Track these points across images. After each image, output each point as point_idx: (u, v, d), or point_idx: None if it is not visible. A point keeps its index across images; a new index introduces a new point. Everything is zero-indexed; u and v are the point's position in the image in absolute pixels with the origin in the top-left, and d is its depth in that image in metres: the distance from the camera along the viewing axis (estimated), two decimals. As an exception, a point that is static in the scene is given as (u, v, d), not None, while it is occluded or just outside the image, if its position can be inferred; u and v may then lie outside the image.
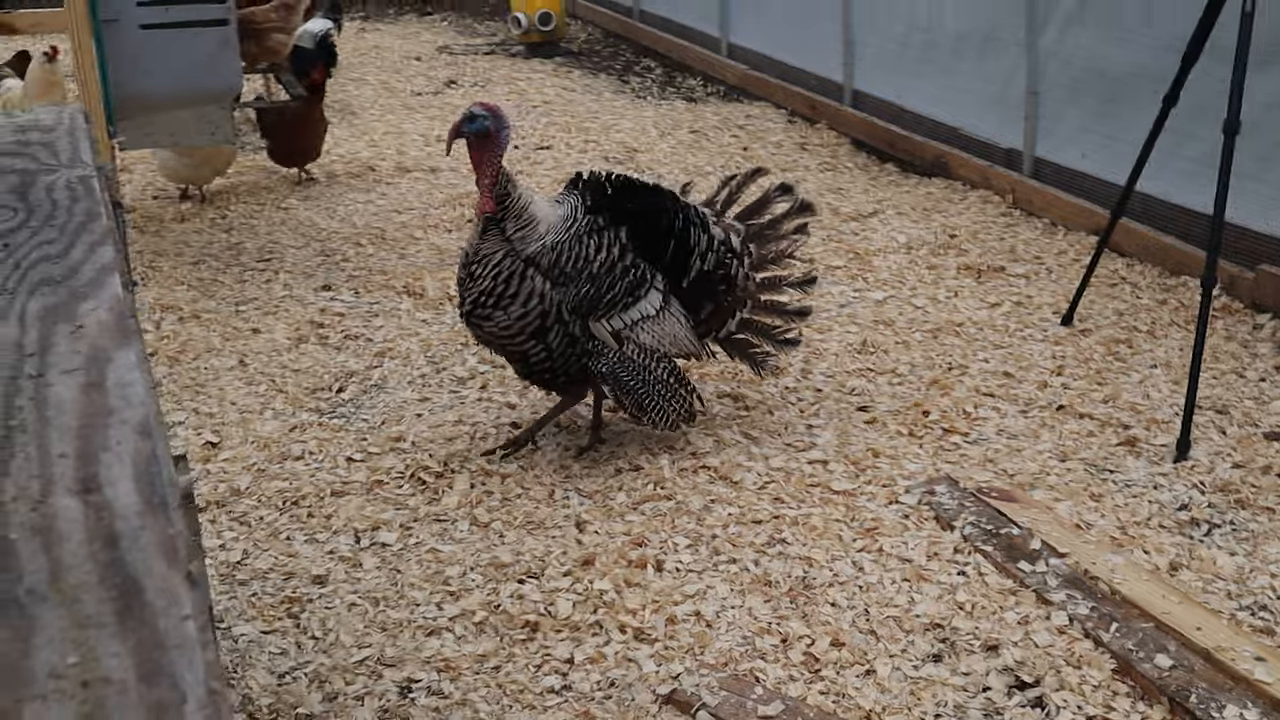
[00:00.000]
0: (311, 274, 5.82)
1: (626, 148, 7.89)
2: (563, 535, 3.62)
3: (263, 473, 4.03)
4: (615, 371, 3.90)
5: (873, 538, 3.57)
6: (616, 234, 3.89)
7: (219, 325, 5.22)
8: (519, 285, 3.80)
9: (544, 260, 3.80)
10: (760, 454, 4.07)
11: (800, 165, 7.47)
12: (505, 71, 10.37)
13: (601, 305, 3.86)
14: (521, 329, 3.83)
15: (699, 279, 4.03)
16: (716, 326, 4.13)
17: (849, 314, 5.23)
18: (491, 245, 3.83)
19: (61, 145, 2.44)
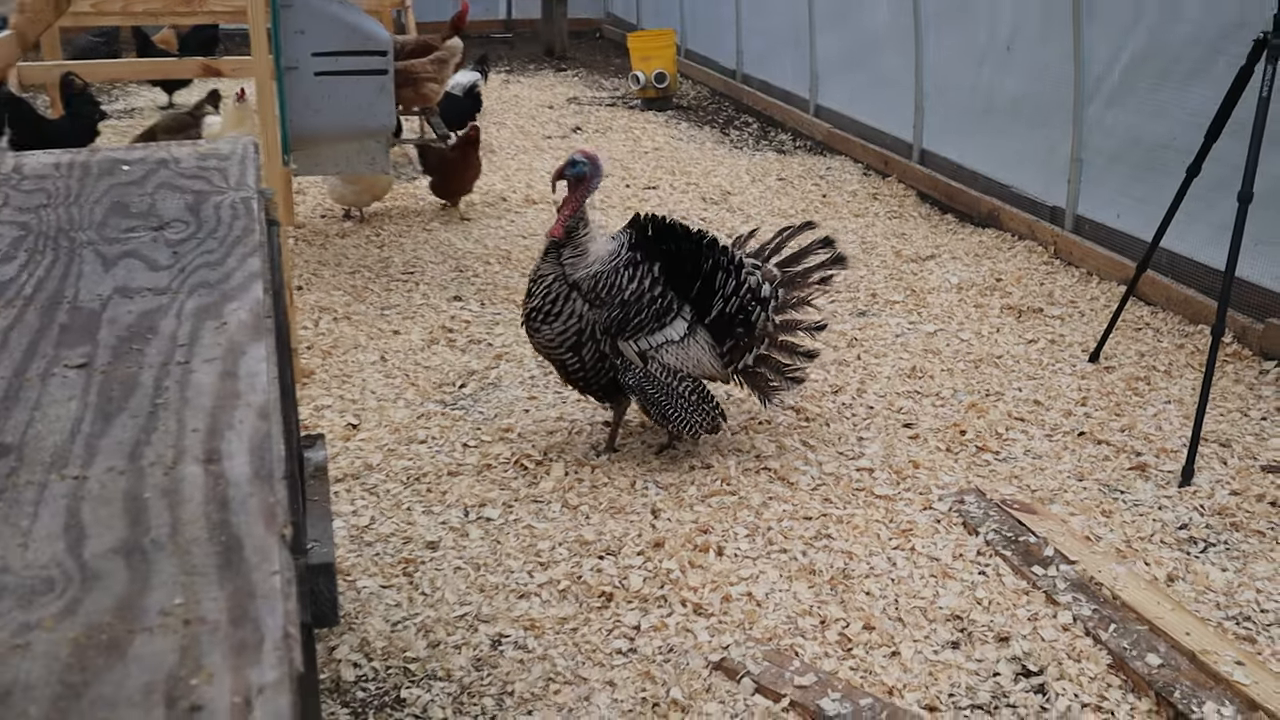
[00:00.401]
0: (446, 286, 5.90)
1: (722, 190, 7.88)
2: (639, 520, 3.63)
3: (392, 452, 4.09)
4: (641, 384, 3.87)
5: (907, 538, 3.54)
6: (650, 268, 3.84)
7: (366, 326, 5.31)
8: (563, 305, 3.81)
9: (585, 285, 3.81)
10: (815, 459, 4.05)
11: (870, 212, 7.40)
12: (623, 121, 10.42)
13: (629, 328, 3.82)
14: (562, 342, 3.84)
15: (721, 317, 3.93)
16: (736, 358, 4.03)
17: (902, 343, 5.18)
18: (547, 267, 3.85)
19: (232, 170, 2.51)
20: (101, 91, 11.25)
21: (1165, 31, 5.61)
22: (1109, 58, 6.01)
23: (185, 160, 2.53)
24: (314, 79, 4.99)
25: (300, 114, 4.99)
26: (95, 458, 1.26)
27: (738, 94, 11.30)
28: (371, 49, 5.04)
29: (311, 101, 5.02)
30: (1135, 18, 5.79)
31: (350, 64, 5.01)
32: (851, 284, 5.97)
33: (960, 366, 4.90)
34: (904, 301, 5.72)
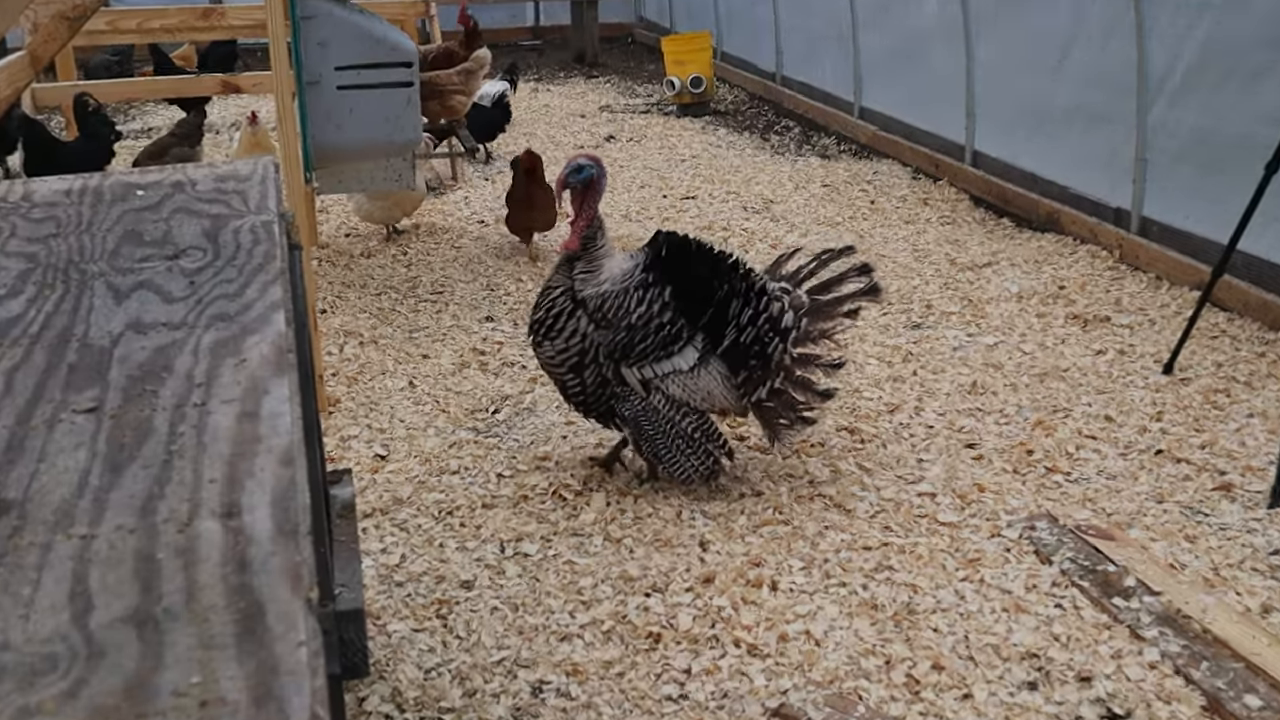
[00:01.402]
0: (477, 306, 5.87)
1: (764, 199, 7.82)
2: (687, 553, 3.57)
3: (423, 484, 4.05)
4: (637, 417, 3.81)
5: (975, 568, 3.45)
6: (661, 292, 3.76)
7: (394, 350, 5.29)
8: (565, 322, 3.77)
9: (591, 304, 3.76)
10: (873, 485, 3.98)
11: (922, 218, 7.31)
12: (659, 129, 10.39)
13: (634, 354, 3.76)
14: (563, 361, 3.80)
15: (735, 347, 3.83)
16: (749, 391, 3.90)
17: (961, 357, 5.09)
18: (556, 281, 3.82)
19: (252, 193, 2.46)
20: (118, 111, 11.34)
21: (1231, 26, 5.50)
22: (1173, 53, 5.90)
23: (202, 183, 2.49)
24: (336, 93, 4.97)
25: (322, 130, 4.98)
26: (104, 514, 1.20)
27: (777, 97, 11.24)
28: (396, 60, 5.02)
29: (334, 116, 5.00)
30: (1200, 12, 5.68)
31: (374, 76, 4.99)
32: (905, 294, 5.89)
33: (1024, 381, 4.81)
34: (961, 312, 5.63)
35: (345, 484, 2.73)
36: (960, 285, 6.03)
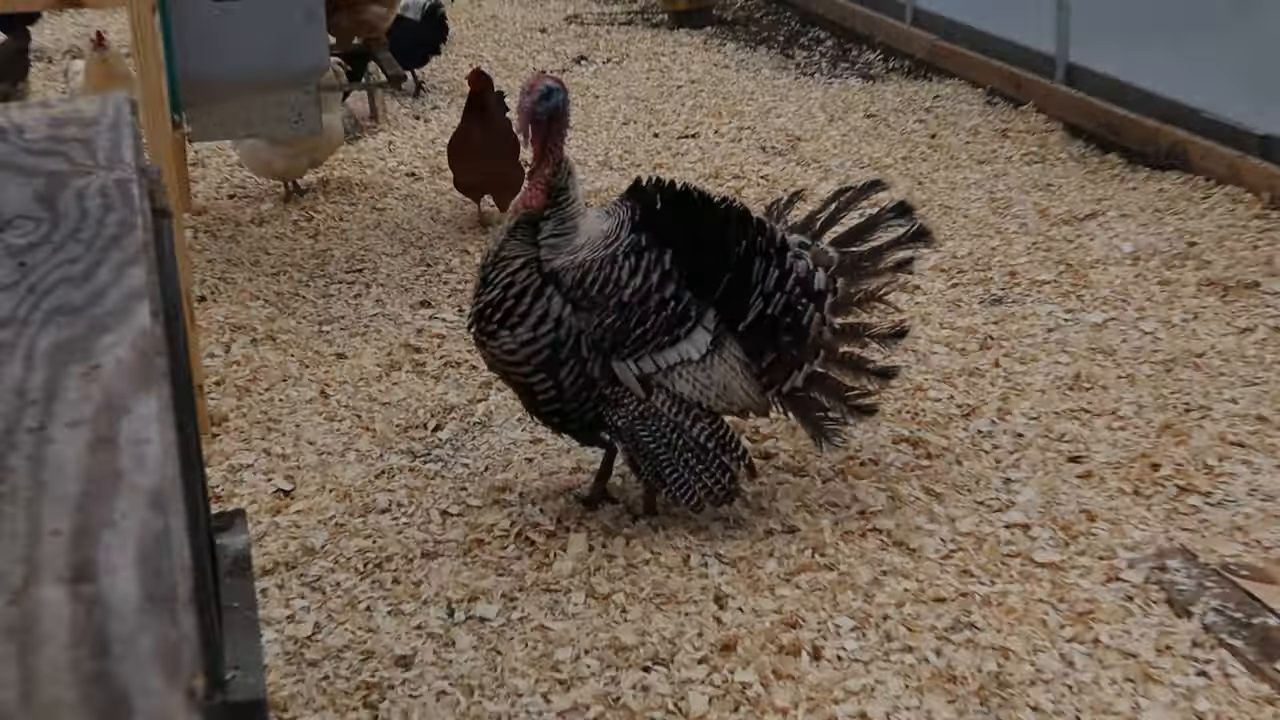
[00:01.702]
0: (409, 288, 5.86)
1: (788, 136, 7.82)
2: (698, 612, 3.56)
3: (342, 528, 4.04)
4: (633, 428, 3.82)
5: (1086, 624, 3.46)
6: (659, 257, 3.79)
7: (298, 349, 5.27)
8: (531, 304, 3.75)
9: (569, 279, 3.75)
10: (945, 514, 3.98)
11: (1001, 156, 7.32)
12: (645, 45, 10.37)
13: (629, 342, 3.77)
14: (529, 357, 3.78)
15: (760, 322, 3.88)
16: (778, 378, 3.94)
17: (1058, 340, 5.10)
18: (514, 249, 3.80)
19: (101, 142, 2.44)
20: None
21: None
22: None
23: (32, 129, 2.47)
24: (211, 5, 4.95)
25: (195, 56, 4.95)
26: (-95, 582, 1.18)
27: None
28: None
29: (210, 38, 4.98)
30: None
31: (262, -19, 4.97)
32: (980, 259, 5.90)
33: (1145, 371, 4.83)
34: (1057, 281, 5.64)
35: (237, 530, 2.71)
36: (1055, 245, 6.03)
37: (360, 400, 4.86)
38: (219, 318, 5.52)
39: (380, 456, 4.47)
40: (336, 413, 4.77)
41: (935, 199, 6.68)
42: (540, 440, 4.50)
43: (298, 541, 3.96)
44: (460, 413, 4.74)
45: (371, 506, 4.15)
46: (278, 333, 5.42)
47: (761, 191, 6.85)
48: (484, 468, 4.37)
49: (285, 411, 4.79)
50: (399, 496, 4.20)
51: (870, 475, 4.22)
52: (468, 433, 4.61)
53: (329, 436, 4.60)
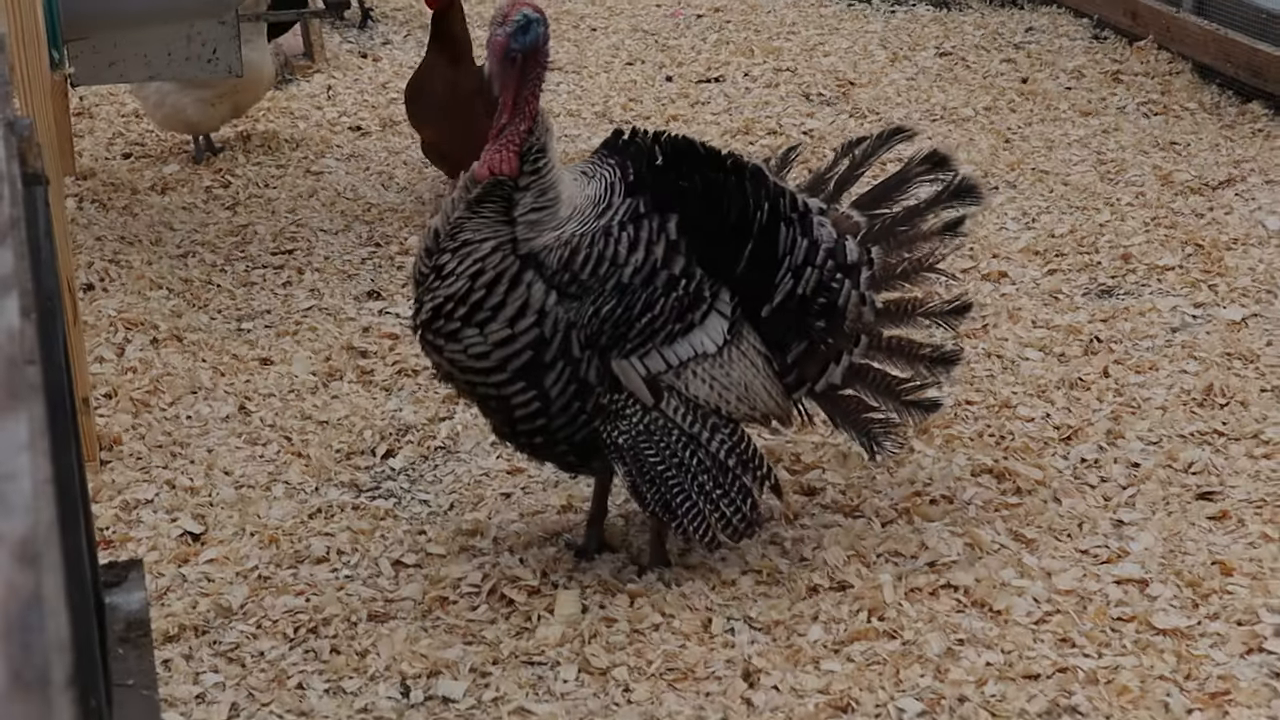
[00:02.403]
0: (352, 274, 5.87)
1: (839, 79, 7.82)
2: (722, 692, 3.56)
3: (266, 582, 4.03)
4: (636, 445, 3.82)
5: (1220, 708, 3.44)
6: (662, 225, 3.80)
7: (211, 352, 5.28)
8: (507, 294, 3.73)
9: (552, 258, 3.75)
10: (1038, 566, 3.97)
11: (1112, 106, 7.32)
12: (656, -38, 10.39)
13: (633, 334, 3.78)
14: (503, 361, 3.76)
15: (787, 304, 3.92)
16: (811, 375, 3.99)
17: (1184, 342, 5.11)
18: (479, 229, 3.79)
19: (-43, 88, 2.45)
20: None
21: None
22: None
23: None
24: (101, -88, 4.96)
25: (79, -24, 4.96)
26: None
27: (858, -96, 11.26)
28: None
29: (99, -47, 4.99)
30: None
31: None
32: (1085, 238, 5.91)
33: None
34: (1183, 267, 5.65)
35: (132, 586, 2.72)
36: (1181, 220, 6.04)
37: (290, 418, 4.85)
38: (110, 311, 5.51)
39: (316, 490, 4.46)
40: (260, 434, 4.77)
41: (1027, 160, 6.68)
42: (520, 470, 4.50)
43: (210, 599, 3.95)
44: (418, 435, 4.74)
45: (304, 555, 4.14)
46: (185, 331, 5.42)
47: (805, 151, 6.84)
48: (448, 506, 4.37)
49: (194, 432, 4.78)
50: (339, 542, 4.18)
51: (943, 516, 4.20)
52: (427, 460, 4.61)
53: (250, 465, 4.60)
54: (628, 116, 7.37)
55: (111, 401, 4.95)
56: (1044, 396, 4.81)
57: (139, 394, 5.00)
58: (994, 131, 7.06)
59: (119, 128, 7.45)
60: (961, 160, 4.32)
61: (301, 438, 4.74)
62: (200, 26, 5.67)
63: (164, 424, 4.84)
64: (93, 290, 5.67)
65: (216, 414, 4.89)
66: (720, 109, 7.46)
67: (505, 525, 4.24)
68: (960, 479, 4.37)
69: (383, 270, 5.88)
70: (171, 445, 4.72)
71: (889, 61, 8.09)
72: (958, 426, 4.60)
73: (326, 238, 6.20)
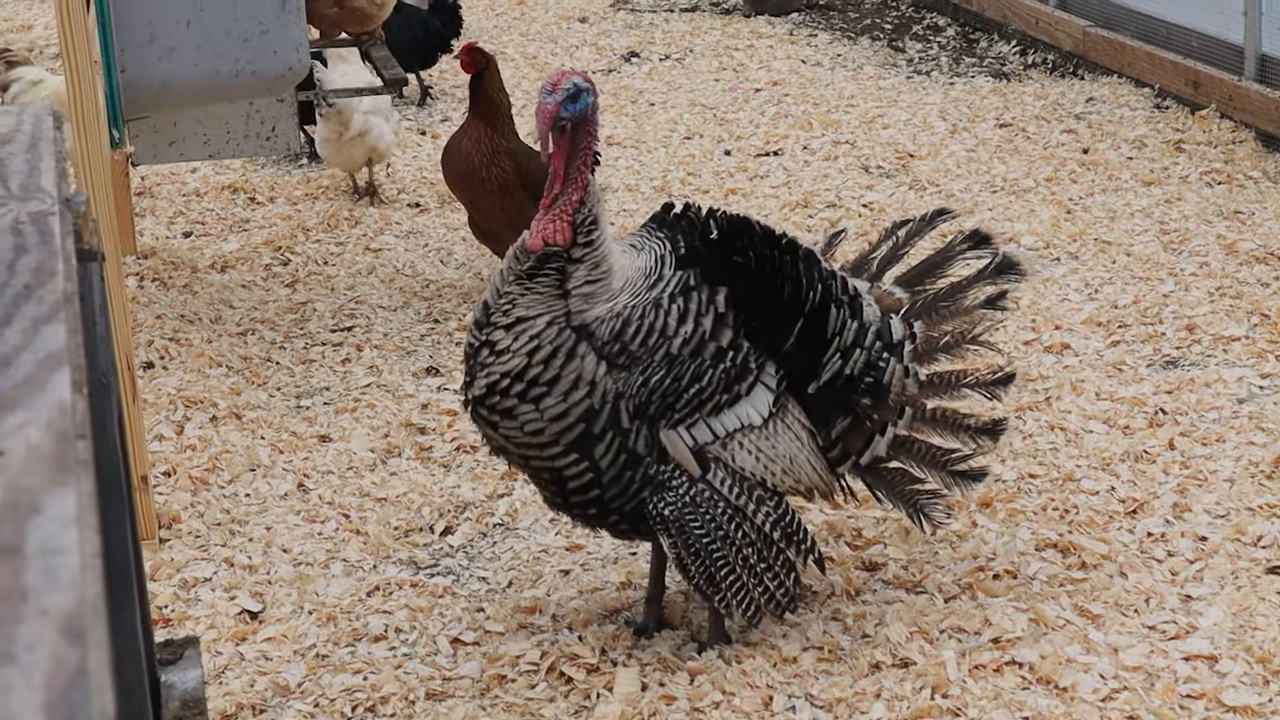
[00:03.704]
0: (411, 350, 5.89)
1: (898, 151, 7.81)
2: (784, 770, 3.53)
3: (324, 660, 4.03)
4: (683, 517, 3.82)
5: (1290, 785, 3.40)
6: (710, 297, 3.83)
7: (270, 429, 5.30)
8: (562, 367, 3.74)
9: (604, 330, 3.76)
10: (1104, 642, 3.93)
11: (1174, 176, 7.28)
12: (714, 38, 10.41)
13: (681, 404, 3.80)
14: (557, 435, 3.77)
15: (832, 383, 3.97)
16: (856, 448, 4.03)
17: (1251, 413, 5.07)
18: (532, 305, 3.79)
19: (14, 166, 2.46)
20: None
21: None
22: None
23: (-73, 149, 2.50)
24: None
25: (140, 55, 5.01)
26: None
27: (917, -23, 11.29)
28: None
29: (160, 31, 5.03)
30: None
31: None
32: (1149, 309, 5.87)
33: (1366, 454, 4.78)
34: (1249, 337, 5.62)
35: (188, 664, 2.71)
36: (1246, 289, 6.00)
37: (348, 495, 4.86)
38: (170, 389, 5.54)
39: (374, 568, 4.46)
40: (318, 511, 4.78)
41: (1089, 231, 6.64)
42: (579, 546, 4.49)
43: (267, 678, 3.95)
44: (476, 511, 4.74)
45: (362, 633, 4.14)
46: (244, 409, 5.44)
47: (864, 224, 6.84)
48: (507, 583, 4.36)
49: (253, 510, 4.79)
50: (397, 620, 4.18)
51: (1007, 591, 4.17)
52: (486, 537, 4.61)
53: (308, 542, 4.60)
54: (686, 191, 7.37)
55: (171, 479, 4.97)
56: (1109, 469, 4.78)
57: (198, 472, 5.02)
58: (1055, 202, 7.03)
59: (180, 206, 7.51)
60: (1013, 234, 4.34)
61: (360, 515, 4.75)
62: (259, 105, 5.72)
63: (223, 502, 4.85)
64: (153, 368, 5.70)
65: (275, 491, 4.90)
66: (779, 182, 7.46)
67: (564, 602, 4.23)
68: (1024, 553, 4.34)
69: (441, 346, 5.89)
70: (230, 523, 4.73)
71: (948, 133, 8.08)
72: (1021, 500, 4.57)
73: (385, 314, 6.22)
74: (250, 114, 5.77)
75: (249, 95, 5.56)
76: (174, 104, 5.36)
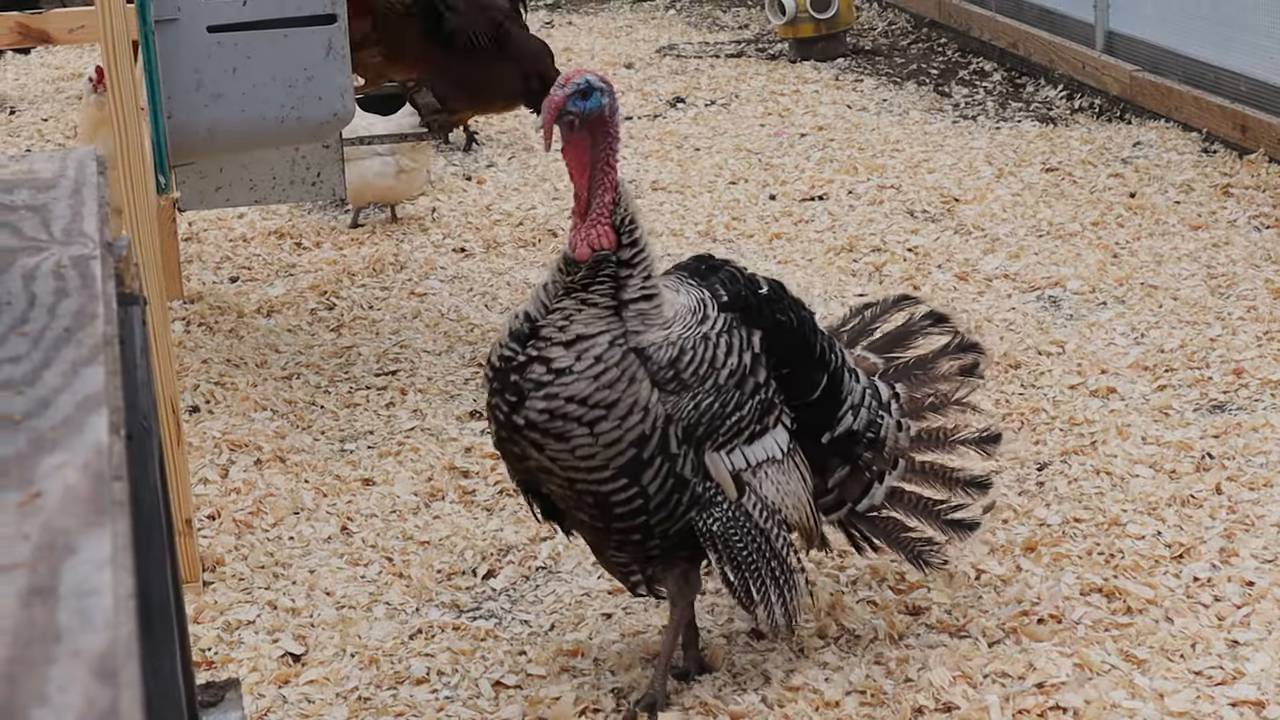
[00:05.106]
0: (455, 394, 5.90)
1: (943, 196, 7.81)
2: (826, 815, 3.51)
3: (366, 703, 4.04)
4: (728, 532, 3.86)
5: (1337, 832, 3.37)
6: (748, 338, 3.92)
7: (314, 473, 5.31)
8: (624, 391, 3.71)
9: (661, 356, 3.75)
10: (1150, 688, 3.90)
11: (1222, 220, 7.26)
12: (760, 83, 10.43)
13: (725, 429, 3.84)
14: (608, 460, 3.72)
15: (839, 437, 4.13)
16: (853, 495, 4.19)
17: (1300, 460, 5.03)
18: (590, 322, 3.73)
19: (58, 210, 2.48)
20: None
21: None
22: None
23: (-28, 195, 2.52)
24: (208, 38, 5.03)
25: (187, 101, 5.03)
26: None
27: (963, 21, 11.28)
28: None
29: (206, 78, 5.06)
30: None
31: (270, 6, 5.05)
32: (1196, 353, 5.85)
33: None
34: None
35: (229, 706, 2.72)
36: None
37: (392, 539, 4.87)
38: (214, 433, 5.57)
39: (416, 611, 4.46)
40: (361, 554, 4.79)
41: (1136, 275, 6.62)
42: (621, 590, 4.47)
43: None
44: (519, 554, 4.74)
45: (404, 675, 4.14)
46: (288, 452, 5.46)
47: (909, 268, 6.84)
48: (549, 626, 4.36)
49: (297, 553, 4.81)
50: (440, 663, 4.19)
51: (1051, 636, 4.15)
52: (529, 580, 4.61)
53: (351, 585, 4.61)
54: (731, 235, 7.39)
55: (215, 523, 4.99)
56: (1154, 514, 4.75)
57: (242, 515, 5.04)
58: (1101, 246, 7.02)
59: (226, 252, 7.55)
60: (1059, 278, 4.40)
61: (403, 558, 4.76)
62: (305, 151, 5.75)
63: (266, 545, 4.87)
64: (198, 412, 5.73)
65: (319, 534, 4.92)
66: (824, 226, 7.46)
67: (606, 646, 4.23)
68: (1069, 598, 4.32)
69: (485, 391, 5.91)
70: (274, 566, 4.75)
71: (994, 177, 8.07)
72: (1066, 545, 4.55)
73: (429, 358, 6.23)
74: (296, 160, 5.80)
75: (294, 141, 5.58)
76: (220, 150, 5.38)
